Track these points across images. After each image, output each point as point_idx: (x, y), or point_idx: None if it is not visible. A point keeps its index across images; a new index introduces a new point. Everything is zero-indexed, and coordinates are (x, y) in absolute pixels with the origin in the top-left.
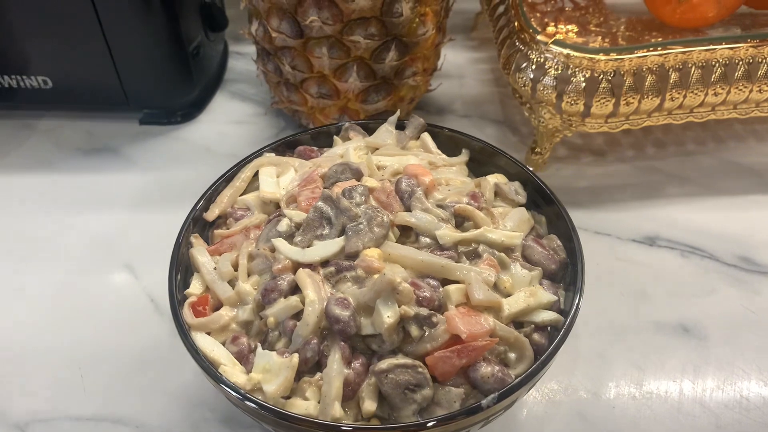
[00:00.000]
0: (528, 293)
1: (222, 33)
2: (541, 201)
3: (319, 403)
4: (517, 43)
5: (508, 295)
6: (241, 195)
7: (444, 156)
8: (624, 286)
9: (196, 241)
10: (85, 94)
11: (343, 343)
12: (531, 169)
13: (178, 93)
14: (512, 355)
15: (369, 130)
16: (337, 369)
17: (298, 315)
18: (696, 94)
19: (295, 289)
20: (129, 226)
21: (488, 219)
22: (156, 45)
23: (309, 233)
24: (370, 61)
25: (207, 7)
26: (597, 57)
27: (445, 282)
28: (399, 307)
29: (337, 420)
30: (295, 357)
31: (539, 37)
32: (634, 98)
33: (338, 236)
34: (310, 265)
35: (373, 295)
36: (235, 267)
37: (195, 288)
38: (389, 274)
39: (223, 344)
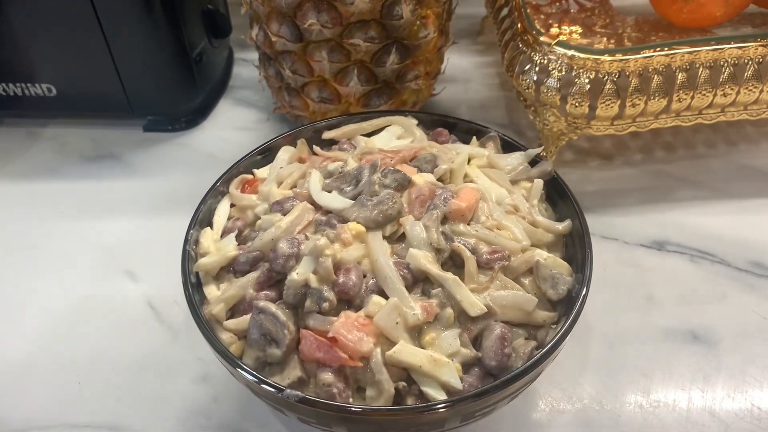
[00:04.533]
0: (434, 361)
1: (226, 39)
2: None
3: None
4: (521, 45)
5: (421, 347)
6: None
7: (542, 218)
8: (631, 291)
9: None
10: (89, 102)
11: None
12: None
13: (181, 100)
14: (370, 393)
15: (508, 147)
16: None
17: None
18: (704, 95)
19: None
20: (132, 233)
21: (473, 272)
22: (159, 52)
23: (337, 182)
24: (370, 65)
25: (210, 14)
26: (601, 58)
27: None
28: (313, 273)
29: None
30: (227, 244)
31: (542, 39)
32: (640, 100)
33: (352, 199)
34: (319, 207)
35: (307, 252)
36: None
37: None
38: (322, 242)
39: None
